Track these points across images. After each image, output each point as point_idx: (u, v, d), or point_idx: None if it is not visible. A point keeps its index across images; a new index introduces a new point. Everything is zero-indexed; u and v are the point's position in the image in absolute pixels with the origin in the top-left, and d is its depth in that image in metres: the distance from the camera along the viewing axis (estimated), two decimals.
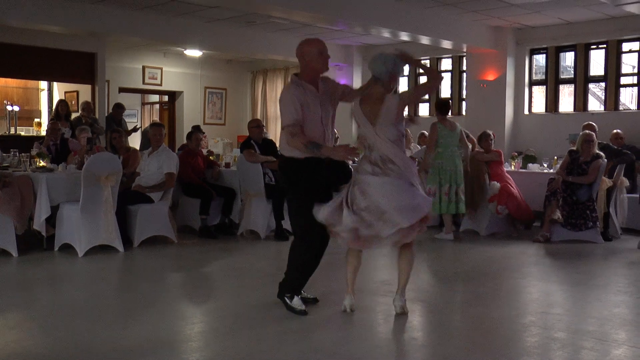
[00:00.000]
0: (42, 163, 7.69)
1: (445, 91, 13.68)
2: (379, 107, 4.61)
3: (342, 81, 4.92)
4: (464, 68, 13.00)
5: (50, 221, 7.32)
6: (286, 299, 4.88)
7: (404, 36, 11.01)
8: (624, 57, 11.50)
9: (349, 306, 4.88)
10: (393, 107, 4.59)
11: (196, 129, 9.25)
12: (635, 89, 11.42)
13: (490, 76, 12.22)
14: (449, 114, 8.68)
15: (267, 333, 4.36)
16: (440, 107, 8.50)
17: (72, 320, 4.72)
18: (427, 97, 13.74)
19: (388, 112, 4.59)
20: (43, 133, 12.35)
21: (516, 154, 10.44)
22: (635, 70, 11.38)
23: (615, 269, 6.88)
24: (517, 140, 12.21)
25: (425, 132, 10.51)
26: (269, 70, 16.13)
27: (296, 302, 4.84)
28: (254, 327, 4.36)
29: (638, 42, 11.13)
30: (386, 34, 10.80)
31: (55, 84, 14.49)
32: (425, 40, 11.17)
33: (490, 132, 9.09)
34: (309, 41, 4.85)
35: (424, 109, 13.99)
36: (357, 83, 14.21)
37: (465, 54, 12.68)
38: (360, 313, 4.91)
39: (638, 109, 11.24)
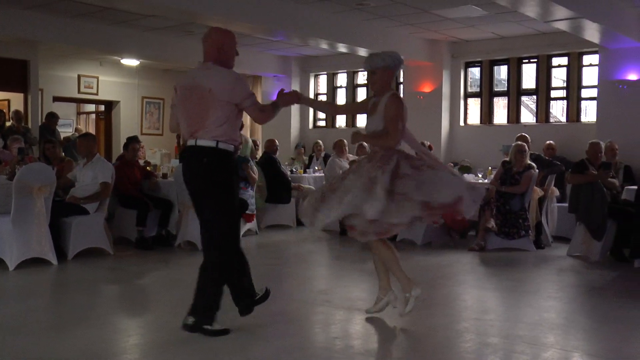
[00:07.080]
0: None
1: None
2: None
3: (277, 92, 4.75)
4: (401, 80, 13.21)
5: None
6: (208, 327, 4.40)
7: (342, 48, 11.13)
8: (554, 71, 11.91)
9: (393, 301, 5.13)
10: None
11: (133, 139, 9.10)
12: (565, 102, 11.81)
13: (427, 88, 12.45)
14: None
15: (204, 346, 4.31)
16: None
17: (2, 336, 4.58)
18: None
19: None
20: None
21: (452, 164, 10.66)
22: (565, 84, 11.77)
23: (545, 275, 7.09)
24: (453, 151, 12.46)
25: (365, 143, 10.69)
26: None
27: (216, 324, 4.45)
28: (190, 340, 4.32)
29: (566, 57, 11.54)
30: (324, 45, 10.90)
31: None
32: (362, 52, 11.32)
33: (428, 143, 9.25)
34: (228, 31, 4.71)
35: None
36: None
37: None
38: (297, 323, 4.93)
39: (567, 121, 11.62)
